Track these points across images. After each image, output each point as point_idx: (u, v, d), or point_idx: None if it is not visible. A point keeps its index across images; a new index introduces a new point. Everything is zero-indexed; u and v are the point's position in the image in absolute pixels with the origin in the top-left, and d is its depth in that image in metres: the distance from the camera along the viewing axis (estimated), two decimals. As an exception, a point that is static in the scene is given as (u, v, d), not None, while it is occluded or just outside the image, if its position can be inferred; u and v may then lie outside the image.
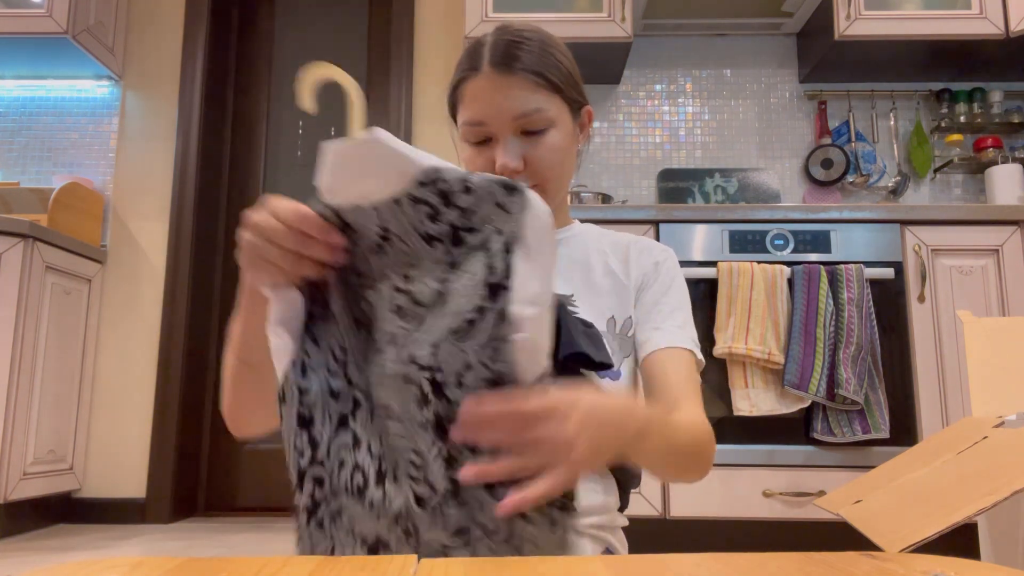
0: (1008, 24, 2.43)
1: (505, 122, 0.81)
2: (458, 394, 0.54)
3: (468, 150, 0.85)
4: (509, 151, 0.81)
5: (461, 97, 0.84)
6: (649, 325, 0.86)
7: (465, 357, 0.54)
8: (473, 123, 0.82)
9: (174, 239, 2.74)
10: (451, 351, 0.55)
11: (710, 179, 2.74)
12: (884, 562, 0.44)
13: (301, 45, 3.06)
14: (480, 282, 0.55)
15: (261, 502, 2.76)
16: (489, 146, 0.83)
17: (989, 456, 1.02)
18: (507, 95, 0.81)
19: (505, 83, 0.81)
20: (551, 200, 0.84)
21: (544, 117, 0.82)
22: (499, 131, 0.82)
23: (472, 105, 0.83)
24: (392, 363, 0.57)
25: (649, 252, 0.93)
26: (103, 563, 0.44)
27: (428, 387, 0.55)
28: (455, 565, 0.46)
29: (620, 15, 2.50)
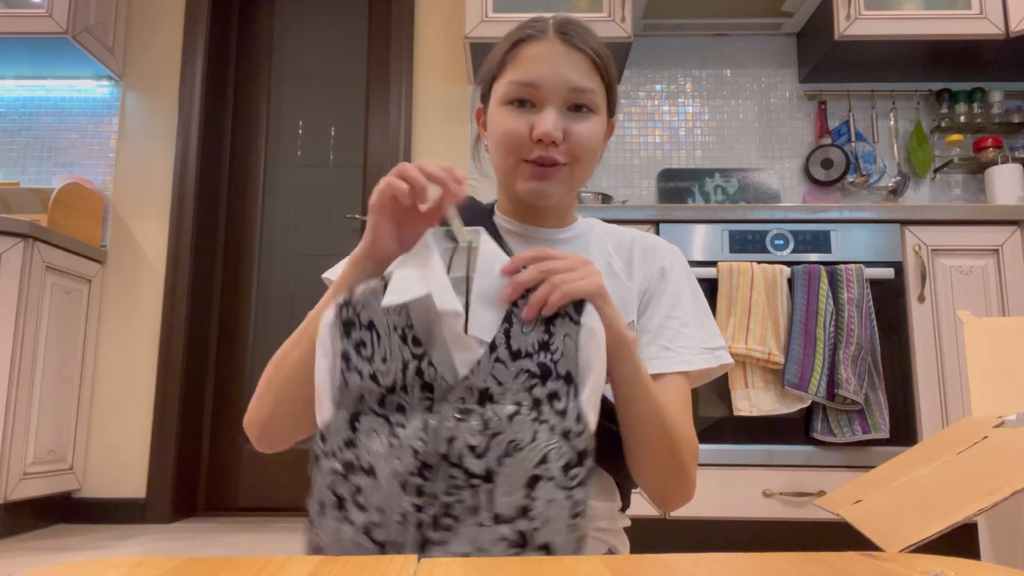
0: (1008, 24, 2.43)
1: (559, 90, 0.80)
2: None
3: (505, 112, 0.82)
4: (553, 120, 0.79)
5: (515, 58, 0.83)
6: (659, 342, 0.83)
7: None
8: (525, 83, 0.81)
9: (174, 239, 2.74)
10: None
11: (710, 179, 2.74)
12: (884, 562, 0.44)
13: (301, 45, 3.06)
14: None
15: (261, 502, 2.76)
16: (529, 111, 0.81)
17: (989, 456, 1.02)
18: (569, 65, 0.81)
19: (568, 53, 0.81)
20: (573, 186, 0.85)
21: (593, 100, 0.82)
22: (548, 98, 0.80)
23: (528, 66, 0.81)
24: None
25: (654, 254, 0.90)
26: (103, 563, 0.44)
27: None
28: (455, 565, 0.46)
29: (620, 15, 2.50)
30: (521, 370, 0.64)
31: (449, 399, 0.64)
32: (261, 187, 2.98)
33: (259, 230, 2.95)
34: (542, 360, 0.64)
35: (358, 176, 2.96)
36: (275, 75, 3.04)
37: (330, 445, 0.64)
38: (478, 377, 0.64)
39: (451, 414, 0.63)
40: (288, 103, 3.03)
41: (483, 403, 0.63)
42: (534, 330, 0.65)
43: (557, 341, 0.65)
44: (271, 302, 2.89)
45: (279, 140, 3.01)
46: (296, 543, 2.20)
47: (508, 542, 0.60)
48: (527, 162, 0.81)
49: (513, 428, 0.62)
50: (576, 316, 0.66)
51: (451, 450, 0.62)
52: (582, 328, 0.66)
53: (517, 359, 0.64)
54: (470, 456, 0.62)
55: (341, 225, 2.93)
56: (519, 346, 0.65)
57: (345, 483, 0.62)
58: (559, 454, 0.62)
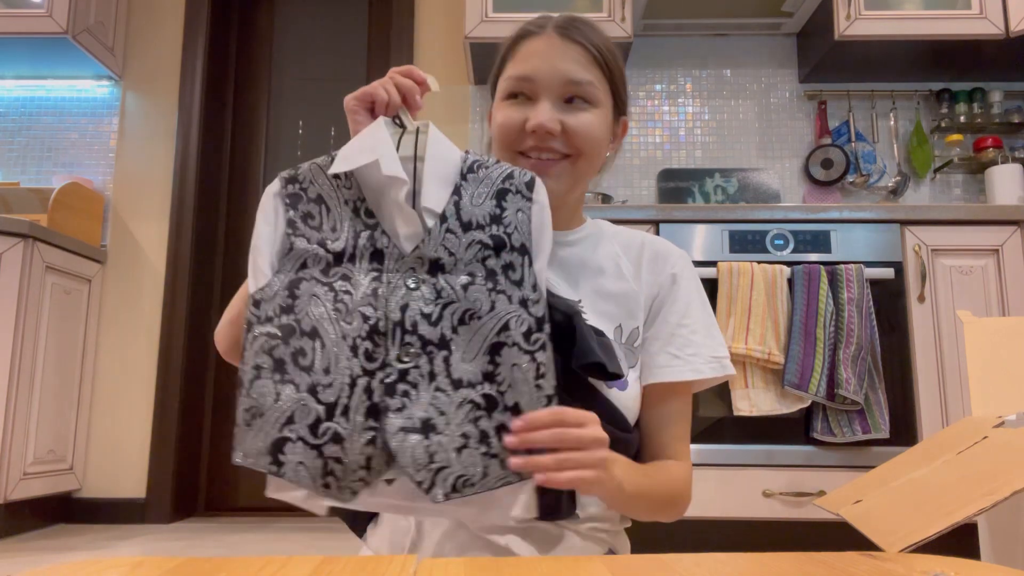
0: (1008, 24, 2.43)
1: (554, 84, 0.81)
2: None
3: (504, 108, 0.84)
4: (547, 111, 0.80)
5: (514, 54, 0.84)
6: (669, 350, 0.83)
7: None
8: (520, 77, 0.82)
9: (174, 239, 2.74)
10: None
11: (710, 179, 2.74)
12: (884, 562, 0.44)
13: (301, 45, 3.06)
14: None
15: (261, 502, 2.76)
16: (526, 105, 0.82)
17: (989, 456, 1.02)
18: (564, 57, 0.81)
19: (564, 47, 0.82)
20: (576, 178, 0.84)
21: (592, 92, 0.82)
22: (544, 91, 0.81)
23: (525, 61, 0.82)
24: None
25: (665, 260, 0.88)
26: (103, 563, 0.44)
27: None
28: (455, 565, 0.46)
29: (620, 15, 2.50)
30: (473, 241, 0.66)
31: (399, 269, 0.65)
32: (261, 187, 2.98)
33: (259, 230, 2.95)
34: (495, 232, 0.66)
35: (358, 176, 2.96)
36: (275, 75, 3.04)
37: (265, 310, 0.64)
38: (428, 247, 0.65)
39: (402, 283, 0.64)
40: (288, 103, 3.03)
41: (434, 274, 0.65)
42: (484, 202, 0.68)
43: (509, 215, 0.67)
44: (271, 302, 2.89)
45: (279, 140, 3.01)
46: (296, 543, 2.20)
47: (473, 405, 0.62)
48: (525, 156, 0.82)
49: (468, 298, 0.64)
50: (528, 193, 0.69)
51: (404, 318, 0.63)
52: (534, 204, 0.68)
53: (468, 230, 0.66)
54: (424, 323, 0.63)
55: (341, 225, 2.93)
56: (470, 218, 0.67)
57: (284, 347, 0.62)
58: (519, 321, 0.64)
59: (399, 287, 0.64)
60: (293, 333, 0.62)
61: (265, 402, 0.61)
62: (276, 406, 0.61)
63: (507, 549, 0.77)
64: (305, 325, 0.63)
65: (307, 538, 2.29)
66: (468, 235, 0.66)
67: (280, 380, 0.61)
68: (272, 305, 0.64)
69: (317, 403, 0.61)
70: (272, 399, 0.61)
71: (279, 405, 0.61)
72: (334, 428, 0.61)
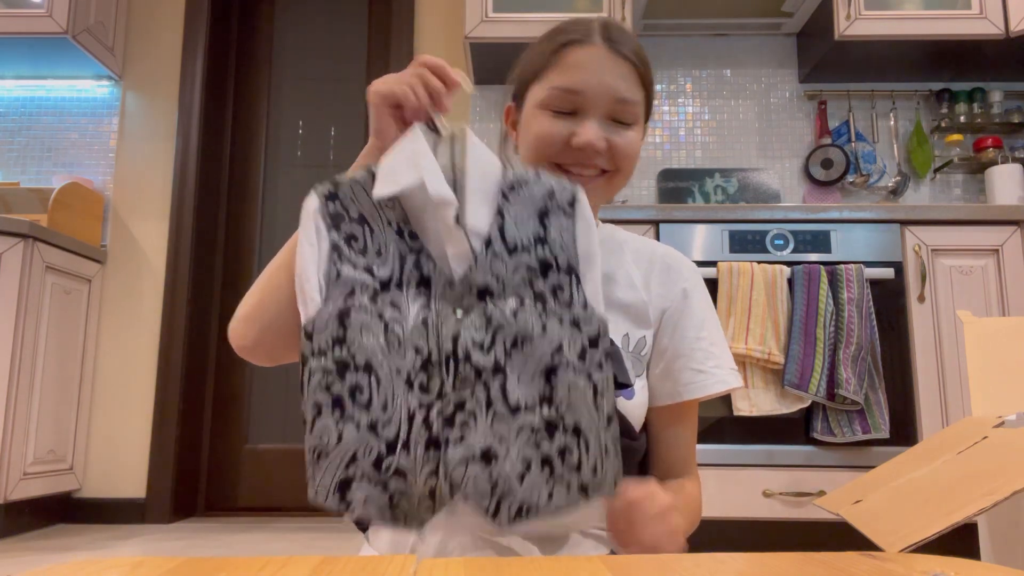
0: (1008, 24, 2.43)
1: (604, 100, 0.79)
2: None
3: (545, 119, 0.81)
4: (596, 129, 0.79)
5: (559, 62, 0.81)
6: (692, 366, 0.83)
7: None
8: (570, 90, 0.79)
9: (174, 239, 2.74)
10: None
11: (710, 179, 2.74)
12: (884, 562, 0.44)
13: (301, 45, 3.06)
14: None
15: (261, 502, 2.76)
16: (570, 119, 0.80)
17: (989, 456, 1.02)
18: (615, 74, 0.80)
19: (615, 63, 0.80)
20: (610, 194, 0.85)
21: (635, 112, 0.81)
22: (592, 107, 0.79)
23: (574, 72, 0.79)
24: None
25: (678, 273, 0.88)
26: (103, 563, 0.44)
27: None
28: (455, 565, 0.46)
29: (620, 15, 2.50)
30: (520, 265, 0.64)
31: (447, 296, 0.63)
32: (261, 187, 2.98)
33: (259, 230, 2.95)
34: (541, 254, 0.65)
35: (358, 176, 2.96)
36: (275, 75, 3.04)
37: (318, 343, 0.62)
38: (477, 273, 0.64)
39: (451, 311, 0.63)
40: (288, 103, 3.03)
41: (483, 300, 0.63)
42: (528, 224, 0.66)
43: (554, 235, 0.66)
44: (271, 302, 2.89)
45: (279, 140, 3.01)
46: (296, 543, 2.20)
47: (533, 429, 0.61)
48: (562, 169, 0.81)
49: (519, 323, 0.62)
50: (570, 210, 0.67)
51: (456, 348, 0.62)
52: (578, 221, 0.66)
53: (514, 254, 0.65)
54: (477, 351, 0.62)
55: (341, 225, 2.93)
56: (515, 241, 0.65)
57: (341, 383, 0.61)
58: (572, 342, 0.63)
59: (449, 316, 0.63)
60: (348, 368, 0.62)
61: (328, 442, 0.61)
62: (339, 447, 0.61)
63: (510, 549, 0.78)
64: (359, 359, 0.62)
65: (307, 538, 2.30)
66: (514, 259, 0.64)
67: (340, 419, 0.61)
68: (324, 337, 0.62)
69: (378, 440, 0.61)
70: (335, 439, 0.61)
71: (342, 446, 0.61)
72: (397, 463, 0.61)
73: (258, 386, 2.85)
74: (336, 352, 0.62)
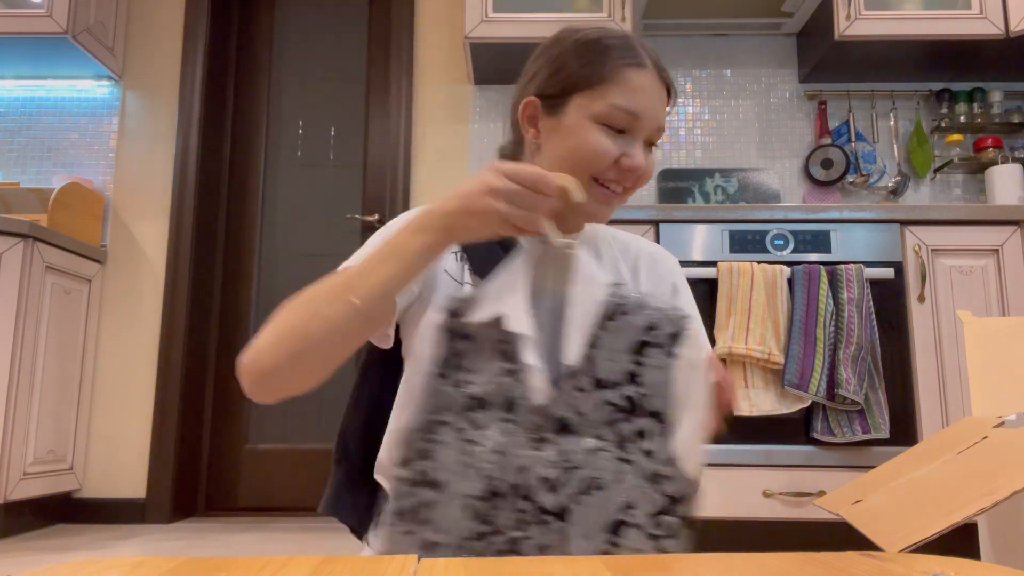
0: (1008, 24, 2.43)
1: (652, 127, 0.83)
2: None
3: (597, 132, 0.82)
4: (643, 154, 0.83)
5: (619, 80, 0.82)
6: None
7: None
8: (631, 112, 0.82)
9: (174, 239, 2.74)
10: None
11: (710, 179, 2.74)
12: (884, 562, 0.44)
13: (301, 45, 3.06)
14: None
15: (261, 502, 2.76)
16: (620, 137, 0.83)
17: (989, 456, 1.02)
18: (661, 103, 0.84)
19: (662, 91, 0.85)
20: (618, 206, 0.88)
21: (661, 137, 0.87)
22: (641, 132, 0.83)
23: (635, 95, 0.82)
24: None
25: (664, 267, 0.92)
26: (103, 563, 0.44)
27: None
28: (455, 565, 0.46)
29: (620, 15, 2.50)
30: (604, 401, 0.60)
31: (527, 425, 0.60)
32: (261, 187, 2.98)
33: (259, 230, 2.95)
34: (628, 393, 0.60)
35: (358, 176, 2.96)
36: (275, 75, 3.04)
37: (404, 451, 0.62)
38: (557, 405, 0.60)
39: (526, 441, 0.59)
40: (288, 103, 3.03)
41: (561, 433, 0.59)
42: (621, 357, 0.61)
43: (647, 373, 0.60)
44: (271, 302, 2.89)
45: (279, 140, 3.01)
46: (296, 543, 2.20)
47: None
48: (598, 183, 0.83)
49: (594, 464, 0.58)
50: (671, 346, 0.61)
51: (522, 480, 0.58)
52: (678, 360, 0.61)
53: (600, 388, 0.60)
54: (543, 490, 0.57)
55: (341, 225, 2.93)
56: (605, 375, 0.60)
57: (412, 497, 0.60)
58: (648, 500, 0.57)
59: (523, 446, 0.59)
60: (419, 483, 0.60)
61: (397, 550, 0.61)
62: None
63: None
64: (431, 475, 0.60)
65: (307, 538, 2.29)
66: (600, 393, 0.60)
67: (405, 532, 0.60)
68: (413, 447, 0.62)
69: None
70: (402, 549, 0.61)
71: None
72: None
73: (258, 386, 2.85)
74: (415, 465, 0.61)
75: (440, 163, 2.80)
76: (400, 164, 2.79)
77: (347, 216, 2.92)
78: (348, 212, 2.93)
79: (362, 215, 2.91)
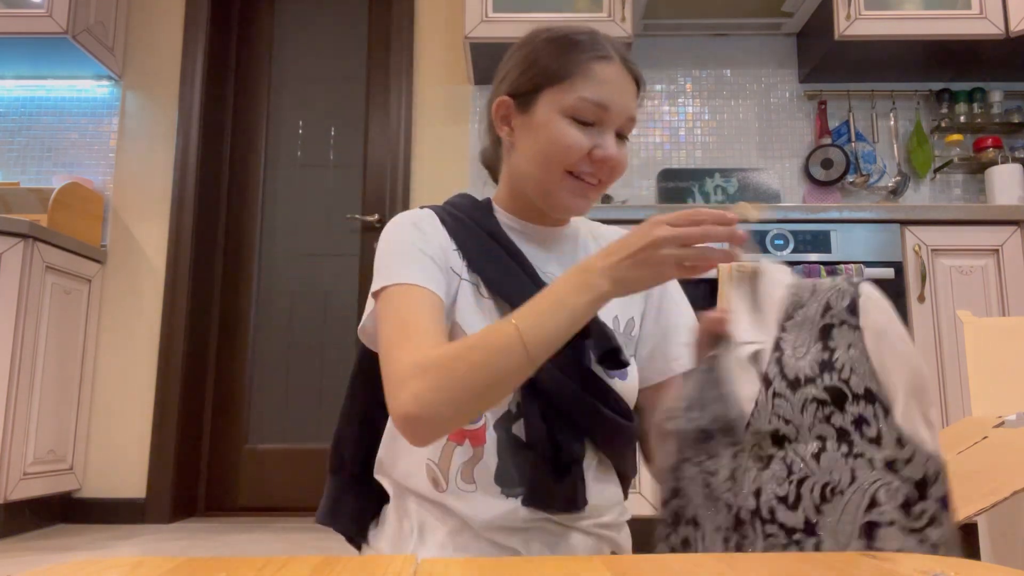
0: (1008, 24, 2.43)
1: (622, 117, 0.83)
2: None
3: (567, 126, 0.82)
4: (616, 145, 0.83)
5: (587, 74, 0.83)
6: (679, 340, 0.90)
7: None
8: (599, 104, 0.82)
9: (174, 239, 2.74)
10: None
11: (710, 179, 2.74)
12: (884, 562, 0.44)
13: (301, 45, 3.06)
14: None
15: (261, 502, 2.76)
16: (591, 130, 0.83)
17: (989, 456, 1.02)
18: (630, 94, 0.85)
19: (629, 82, 0.85)
20: (596, 200, 0.89)
21: (633, 128, 0.86)
22: (611, 123, 0.83)
23: (603, 87, 0.82)
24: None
25: None
26: (103, 563, 0.44)
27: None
28: (455, 565, 0.46)
29: (620, 15, 2.50)
30: (806, 399, 0.56)
31: (748, 445, 0.58)
32: (261, 187, 2.98)
33: (259, 230, 2.95)
34: (829, 383, 0.56)
35: (358, 176, 2.96)
36: (275, 75, 3.04)
37: (663, 490, 0.62)
38: (760, 420, 0.57)
39: (751, 462, 0.57)
40: (288, 103, 3.03)
41: (780, 446, 0.56)
42: (808, 350, 0.57)
43: (840, 356, 0.56)
44: (271, 302, 2.89)
45: (279, 140, 3.01)
46: (296, 543, 2.20)
47: None
48: (573, 176, 0.83)
49: (823, 468, 0.53)
50: (853, 319, 0.57)
51: (760, 504, 0.55)
52: (865, 332, 0.57)
53: (797, 388, 0.56)
54: (782, 508, 0.54)
55: (341, 225, 2.93)
56: (795, 374, 0.57)
57: (675, 535, 0.60)
58: (890, 492, 0.52)
59: (750, 468, 0.57)
60: (679, 521, 0.60)
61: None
62: None
63: (512, 550, 0.78)
64: (688, 512, 0.60)
65: (307, 538, 2.29)
66: (798, 394, 0.56)
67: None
68: (664, 489, 0.62)
69: None
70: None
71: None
72: None
73: (258, 386, 2.85)
74: (672, 503, 0.61)
75: (440, 163, 2.80)
76: (400, 164, 2.79)
77: (347, 216, 2.92)
78: (348, 212, 2.93)
79: (362, 215, 2.91)
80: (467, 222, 0.87)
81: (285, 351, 2.86)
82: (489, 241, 0.85)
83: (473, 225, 0.87)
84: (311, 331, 2.86)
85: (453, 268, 0.84)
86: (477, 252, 0.84)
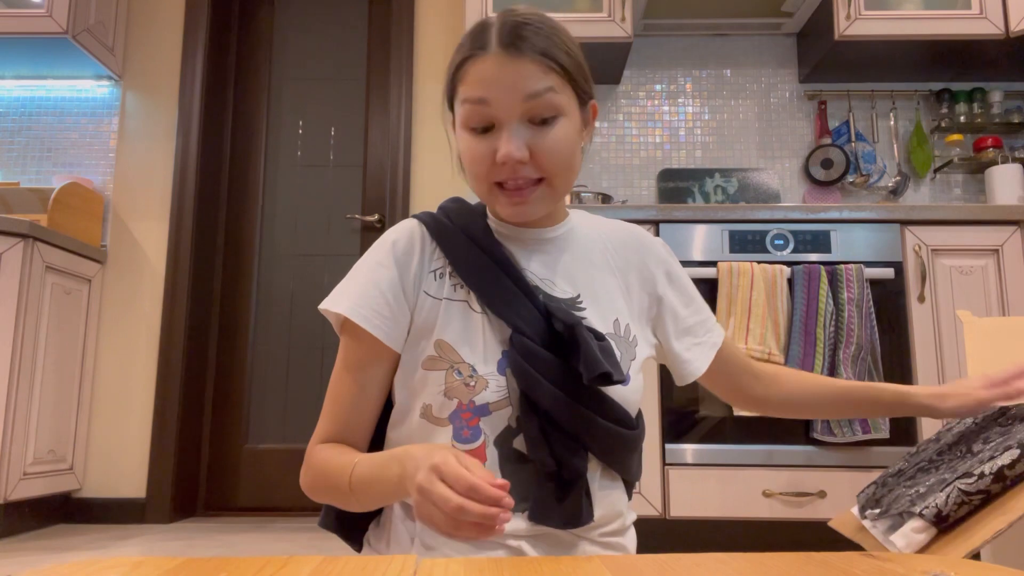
0: (1008, 24, 2.43)
1: (513, 105, 0.75)
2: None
3: (467, 138, 0.78)
4: (513, 138, 0.75)
5: (463, 78, 0.77)
6: (690, 339, 0.93)
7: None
8: (475, 100, 0.76)
9: (174, 239, 2.74)
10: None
11: (710, 179, 2.74)
12: (884, 562, 0.44)
13: (301, 45, 3.06)
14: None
15: (261, 502, 2.76)
16: (491, 135, 0.76)
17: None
18: (517, 75, 0.75)
19: (515, 64, 0.75)
20: (557, 197, 0.82)
21: (553, 103, 0.76)
22: (505, 115, 0.75)
23: (476, 84, 0.76)
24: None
25: (652, 254, 0.92)
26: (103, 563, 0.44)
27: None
28: (455, 565, 0.46)
29: (620, 15, 2.50)
30: (986, 420, 0.89)
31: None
32: (261, 187, 2.98)
33: (259, 230, 2.95)
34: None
35: (358, 176, 2.96)
36: (275, 75, 3.04)
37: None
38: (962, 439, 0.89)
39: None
40: (288, 103, 3.03)
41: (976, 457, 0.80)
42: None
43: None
44: (271, 302, 2.89)
45: (279, 140, 3.01)
46: (296, 543, 2.20)
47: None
48: (500, 187, 0.79)
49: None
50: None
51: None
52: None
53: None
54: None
55: (341, 225, 2.93)
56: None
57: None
58: None
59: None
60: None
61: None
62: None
63: (515, 550, 0.77)
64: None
65: (307, 538, 2.29)
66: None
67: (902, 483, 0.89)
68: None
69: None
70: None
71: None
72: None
73: (258, 386, 2.85)
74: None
75: (440, 163, 2.80)
76: (400, 164, 2.80)
77: (347, 216, 2.92)
78: (348, 212, 2.93)
79: (362, 215, 2.91)
80: (458, 235, 0.84)
81: (285, 351, 2.86)
82: (475, 251, 0.82)
83: (461, 235, 0.84)
84: (311, 331, 2.86)
85: (428, 292, 0.82)
86: (467, 266, 0.82)
